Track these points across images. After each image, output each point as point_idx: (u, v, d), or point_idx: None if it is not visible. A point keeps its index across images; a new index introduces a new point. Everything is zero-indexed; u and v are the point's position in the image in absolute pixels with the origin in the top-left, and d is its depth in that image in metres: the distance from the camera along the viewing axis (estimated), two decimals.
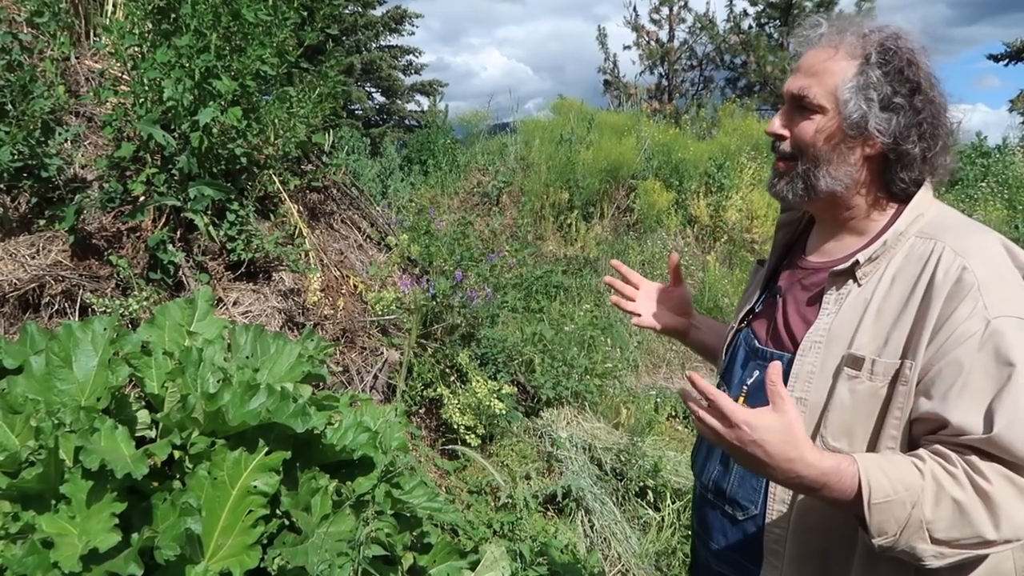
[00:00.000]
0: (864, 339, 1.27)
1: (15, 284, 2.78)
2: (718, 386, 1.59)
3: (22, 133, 2.78)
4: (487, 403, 3.80)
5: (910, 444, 1.23)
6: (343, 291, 3.78)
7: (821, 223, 1.49)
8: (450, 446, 3.83)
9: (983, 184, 14.50)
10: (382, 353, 3.78)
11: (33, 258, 2.88)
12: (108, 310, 2.75)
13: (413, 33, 24.37)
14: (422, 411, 3.97)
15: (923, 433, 1.21)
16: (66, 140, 3.08)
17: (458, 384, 4.04)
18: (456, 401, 3.84)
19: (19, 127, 2.79)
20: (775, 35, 17.78)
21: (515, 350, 4.49)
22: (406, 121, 24.57)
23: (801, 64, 1.38)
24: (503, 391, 3.94)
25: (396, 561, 2.07)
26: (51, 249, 2.93)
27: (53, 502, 1.62)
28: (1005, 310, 1.16)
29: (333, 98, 3.79)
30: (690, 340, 1.85)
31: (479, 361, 4.26)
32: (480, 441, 3.87)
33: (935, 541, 1.12)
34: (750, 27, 18.00)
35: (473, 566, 2.32)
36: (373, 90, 24.30)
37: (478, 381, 3.89)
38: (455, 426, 3.80)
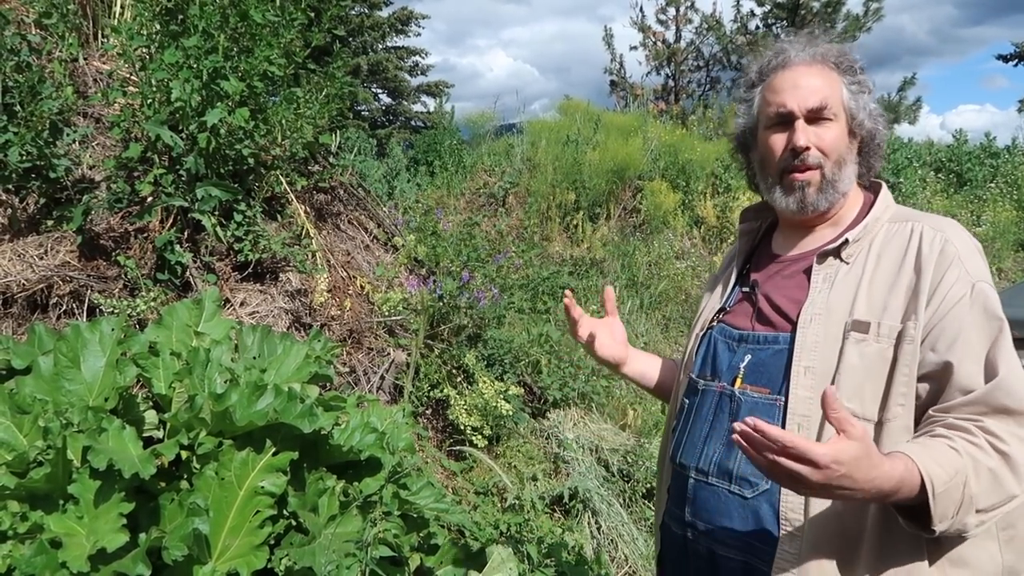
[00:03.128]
0: (863, 306, 1.38)
1: (23, 284, 2.79)
2: (692, 384, 1.61)
3: (30, 134, 2.79)
4: (494, 404, 3.79)
5: (916, 400, 1.32)
6: (350, 292, 3.78)
7: (795, 227, 1.60)
8: (457, 447, 3.83)
9: (992, 185, 14.43)
10: (389, 354, 3.78)
11: (41, 259, 2.89)
12: (116, 311, 2.75)
13: (419, 34, 24.48)
14: (429, 412, 3.97)
15: (931, 393, 1.31)
16: (74, 141, 3.08)
17: (465, 385, 4.04)
18: (463, 402, 3.84)
19: (28, 128, 2.79)
20: (782, 36, 17.72)
21: (522, 351, 4.48)
22: (412, 122, 24.61)
23: (798, 81, 1.51)
24: (510, 392, 3.94)
25: (403, 562, 2.07)
26: (59, 250, 2.94)
27: (61, 502, 1.62)
28: (981, 276, 1.34)
29: (340, 99, 3.79)
30: (628, 369, 1.87)
31: (486, 362, 4.25)
32: (487, 442, 3.86)
33: (978, 511, 1.21)
34: (757, 27, 17.96)
35: (480, 567, 2.31)
36: (379, 91, 24.34)
37: (485, 382, 3.89)
38: (462, 427, 3.80)
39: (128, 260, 2.93)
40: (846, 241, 1.46)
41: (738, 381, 1.51)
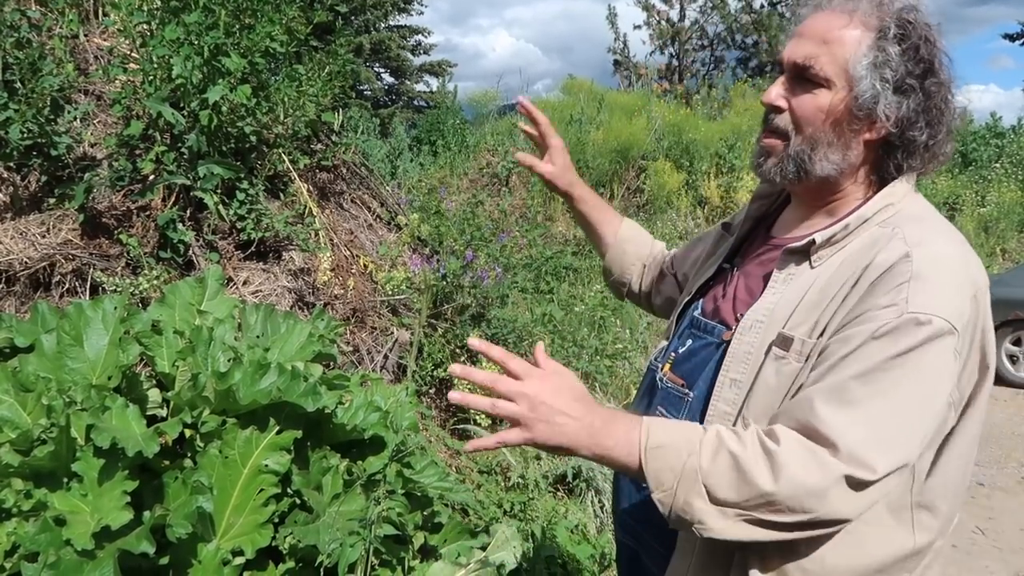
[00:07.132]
0: (798, 319, 1.17)
1: (25, 263, 2.78)
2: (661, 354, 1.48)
3: (31, 111, 2.77)
4: None
5: None
6: (353, 271, 3.77)
7: (799, 203, 1.35)
8: (460, 426, 3.83)
9: (997, 165, 14.35)
10: (392, 333, 3.77)
11: (43, 237, 2.88)
12: (118, 289, 2.74)
13: (422, 13, 24.32)
14: (432, 391, 3.97)
15: None
16: (75, 118, 3.06)
17: (468, 364, 4.04)
18: (466, 381, 3.83)
19: (28, 105, 2.77)
20: (787, 14, 17.63)
21: (525, 331, 4.48)
22: (415, 102, 24.52)
23: (805, 28, 1.21)
24: None
25: (407, 540, 2.08)
26: (61, 228, 2.93)
27: (65, 480, 1.62)
28: (930, 309, 1.05)
29: (342, 76, 3.75)
30: (575, 204, 1.77)
31: (489, 341, 4.25)
32: (490, 421, 3.86)
33: (714, 500, 1.05)
34: (762, 6, 17.81)
35: (484, 546, 2.31)
36: (382, 70, 24.23)
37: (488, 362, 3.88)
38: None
39: (130, 238, 2.92)
40: (812, 242, 1.21)
41: (667, 367, 1.37)
